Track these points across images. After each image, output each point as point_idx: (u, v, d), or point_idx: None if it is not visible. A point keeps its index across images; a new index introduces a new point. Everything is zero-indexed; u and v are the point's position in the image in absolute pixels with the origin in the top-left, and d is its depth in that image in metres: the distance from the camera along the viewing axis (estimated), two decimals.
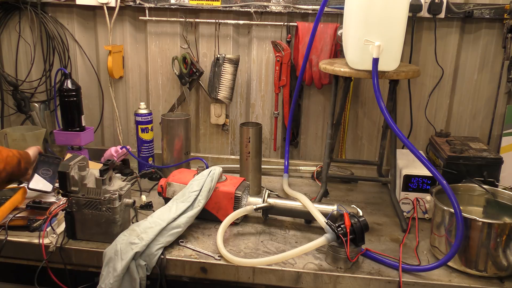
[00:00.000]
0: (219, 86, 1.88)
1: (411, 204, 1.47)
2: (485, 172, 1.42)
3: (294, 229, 1.41)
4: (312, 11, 1.82)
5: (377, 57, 1.30)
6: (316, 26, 1.61)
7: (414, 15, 1.72)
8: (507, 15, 1.71)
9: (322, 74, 1.81)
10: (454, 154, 1.46)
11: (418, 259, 1.25)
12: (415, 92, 1.88)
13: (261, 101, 1.97)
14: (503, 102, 1.84)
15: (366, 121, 1.95)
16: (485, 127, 1.88)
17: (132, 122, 1.86)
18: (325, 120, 1.95)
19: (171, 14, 1.91)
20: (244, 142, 1.64)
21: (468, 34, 1.81)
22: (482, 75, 1.84)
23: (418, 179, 1.46)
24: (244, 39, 1.93)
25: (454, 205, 1.10)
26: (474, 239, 1.15)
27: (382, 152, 1.70)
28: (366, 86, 1.90)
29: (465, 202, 1.35)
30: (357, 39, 1.34)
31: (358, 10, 1.35)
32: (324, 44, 1.78)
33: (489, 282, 1.15)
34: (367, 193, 1.72)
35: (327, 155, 1.59)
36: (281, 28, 1.87)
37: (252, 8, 1.83)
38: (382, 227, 1.44)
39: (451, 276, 1.18)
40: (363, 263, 1.23)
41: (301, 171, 1.88)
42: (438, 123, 1.90)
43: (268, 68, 1.93)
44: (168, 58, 1.96)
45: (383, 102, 1.28)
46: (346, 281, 1.17)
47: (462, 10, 1.73)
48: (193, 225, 1.37)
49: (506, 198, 1.30)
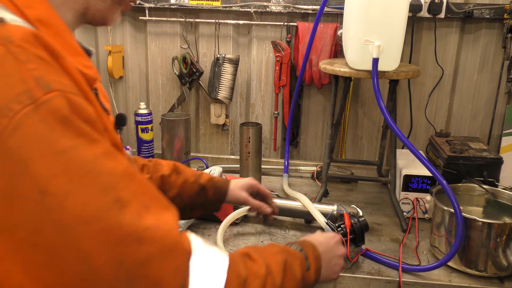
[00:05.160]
0: (219, 86, 1.88)
1: (411, 204, 1.47)
2: (485, 172, 1.42)
3: (294, 229, 1.41)
4: (312, 11, 1.82)
5: (377, 57, 1.30)
6: (316, 26, 1.61)
7: (414, 15, 1.72)
8: (507, 15, 1.71)
9: (322, 74, 1.81)
10: (454, 154, 1.46)
11: (418, 259, 1.25)
12: (415, 92, 1.87)
13: (261, 101, 1.97)
14: (503, 102, 1.84)
15: (366, 121, 1.95)
16: (485, 127, 1.88)
17: (132, 122, 1.86)
18: (325, 120, 1.95)
19: (171, 14, 1.91)
20: (244, 142, 1.64)
21: (468, 34, 1.81)
22: (482, 75, 1.84)
23: (418, 179, 1.46)
24: (244, 39, 1.93)
25: (454, 205, 1.10)
26: (474, 239, 1.15)
27: (382, 152, 1.70)
28: (366, 86, 1.90)
29: (465, 202, 1.35)
30: (357, 39, 1.34)
31: (358, 10, 1.35)
32: (324, 44, 1.78)
33: (489, 282, 1.15)
34: (367, 193, 1.72)
35: (327, 155, 1.59)
36: (281, 28, 1.87)
37: (252, 8, 1.83)
38: (382, 227, 1.44)
39: (451, 276, 1.18)
40: (363, 263, 1.23)
41: (301, 171, 1.88)
42: (438, 123, 1.90)
43: (268, 68, 1.93)
44: (168, 58, 1.96)
45: (383, 102, 1.28)
46: (346, 281, 1.17)
47: (462, 10, 1.73)
48: (193, 225, 1.37)
49: (506, 198, 1.30)
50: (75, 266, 0.55)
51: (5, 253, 0.53)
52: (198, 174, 1.18)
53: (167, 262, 0.60)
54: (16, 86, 0.52)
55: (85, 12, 0.70)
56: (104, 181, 0.56)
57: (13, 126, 0.51)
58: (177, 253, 0.61)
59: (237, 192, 1.20)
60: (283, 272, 0.77)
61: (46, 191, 0.52)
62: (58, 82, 0.55)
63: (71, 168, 0.54)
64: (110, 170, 0.57)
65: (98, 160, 0.56)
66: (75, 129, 0.55)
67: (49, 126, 0.53)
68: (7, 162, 0.52)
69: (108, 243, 0.55)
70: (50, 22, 0.62)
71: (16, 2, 0.60)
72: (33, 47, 0.55)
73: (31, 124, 0.52)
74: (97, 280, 0.56)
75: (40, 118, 0.52)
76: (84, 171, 0.55)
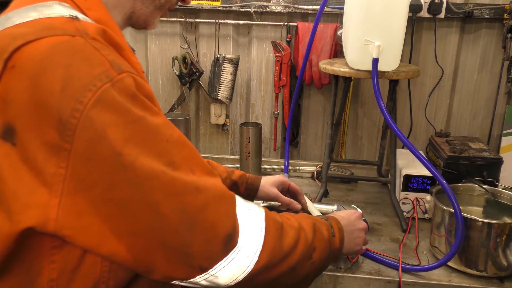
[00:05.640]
0: (219, 86, 1.88)
1: (411, 204, 1.47)
2: (485, 172, 1.42)
3: None
4: (312, 11, 1.82)
5: (377, 57, 1.30)
6: (316, 26, 1.61)
7: (414, 15, 1.72)
8: (507, 15, 1.71)
9: (322, 74, 1.81)
10: (454, 154, 1.46)
11: (418, 259, 1.25)
12: (415, 92, 1.88)
13: (261, 101, 1.97)
14: (503, 102, 1.84)
15: (366, 121, 1.95)
16: (485, 127, 1.88)
17: None
18: (325, 120, 1.95)
19: (171, 14, 1.90)
20: (244, 142, 1.64)
21: (468, 34, 1.81)
22: (482, 75, 1.84)
23: (418, 179, 1.46)
24: (244, 39, 1.93)
25: (454, 205, 1.10)
26: (474, 239, 1.15)
27: (382, 152, 1.70)
28: (366, 86, 1.90)
29: (465, 202, 1.35)
30: (357, 39, 1.34)
31: (358, 10, 1.35)
32: (324, 44, 1.78)
33: (489, 282, 1.15)
34: (367, 193, 1.72)
35: (327, 155, 1.59)
36: (281, 28, 1.87)
37: (252, 8, 1.83)
38: (382, 227, 1.44)
39: (451, 276, 1.18)
40: (363, 263, 1.23)
41: (301, 171, 1.88)
42: (438, 123, 1.90)
43: (268, 68, 1.93)
44: (168, 58, 1.96)
45: (383, 102, 1.28)
46: (346, 281, 1.17)
47: (462, 10, 1.73)
48: None
49: (506, 198, 1.30)
50: (145, 215, 0.65)
51: (86, 208, 0.62)
52: (230, 171, 1.24)
53: (220, 206, 0.71)
54: (97, 67, 0.62)
55: (131, 16, 0.80)
56: (163, 146, 0.67)
57: (95, 98, 0.61)
58: (227, 199, 0.73)
59: (268, 188, 1.25)
60: (313, 231, 0.87)
61: (121, 153, 0.62)
62: (126, 66, 0.66)
63: (139, 134, 0.64)
64: (168, 137, 0.68)
65: (159, 129, 0.67)
66: (141, 103, 0.66)
67: (123, 100, 0.63)
68: (88, 130, 0.60)
69: (172, 194, 0.66)
70: (107, 23, 0.73)
71: (79, 5, 0.71)
72: (103, 38, 0.66)
73: (109, 97, 0.62)
74: (164, 227, 0.66)
75: (116, 93, 0.62)
76: (150, 137, 0.65)
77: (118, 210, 0.64)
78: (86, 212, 0.63)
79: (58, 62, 0.61)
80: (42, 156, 0.60)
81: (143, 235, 0.66)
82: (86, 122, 0.60)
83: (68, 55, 0.62)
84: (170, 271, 0.69)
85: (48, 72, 0.60)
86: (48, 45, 0.61)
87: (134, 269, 0.69)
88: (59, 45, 0.62)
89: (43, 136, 0.60)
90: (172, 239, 0.67)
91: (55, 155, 0.60)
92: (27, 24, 0.65)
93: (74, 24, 0.65)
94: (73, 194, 0.62)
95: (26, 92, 0.60)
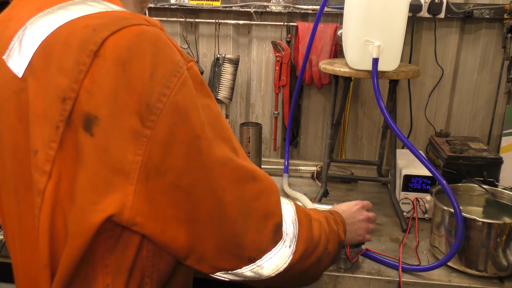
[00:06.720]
0: (219, 86, 1.88)
1: (411, 204, 1.47)
2: (485, 172, 1.42)
3: None
4: (312, 11, 1.82)
5: (377, 57, 1.30)
6: (316, 26, 1.61)
7: (414, 15, 1.72)
8: (507, 15, 1.71)
9: (322, 74, 1.81)
10: (454, 154, 1.46)
11: (418, 259, 1.25)
12: (415, 92, 1.88)
13: (261, 101, 1.97)
14: (503, 102, 1.84)
15: (366, 121, 1.95)
16: (485, 127, 1.88)
17: None
18: (325, 120, 1.95)
19: (171, 14, 1.91)
20: (244, 142, 1.64)
21: (468, 34, 1.81)
22: (482, 75, 1.84)
23: (418, 179, 1.46)
24: (244, 39, 1.93)
25: (454, 205, 1.10)
26: (474, 239, 1.15)
27: (382, 152, 1.70)
28: (366, 86, 1.90)
29: (465, 202, 1.35)
30: (357, 39, 1.34)
31: (358, 10, 1.35)
32: (324, 44, 1.78)
33: (489, 282, 1.15)
34: (367, 193, 1.72)
35: (327, 155, 1.59)
36: (281, 28, 1.87)
37: (252, 8, 1.83)
38: (382, 227, 1.44)
39: (451, 276, 1.18)
40: (363, 263, 1.23)
41: (301, 171, 1.88)
42: (438, 123, 1.90)
43: (268, 68, 1.93)
44: None
45: (383, 102, 1.28)
46: (346, 281, 1.17)
47: (462, 10, 1.73)
48: None
49: (506, 198, 1.30)
50: (208, 202, 0.66)
51: (155, 195, 0.64)
52: None
53: (271, 196, 0.74)
54: (176, 54, 0.65)
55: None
56: (227, 132, 0.70)
57: (180, 83, 0.63)
58: (276, 190, 0.76)
59: None
60: (327, 224, 0.91)
61: (200, 136, 0.64)
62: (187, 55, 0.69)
63: (210, 119, 0.67)
64: (227, 124, 0.71)
65: (221, 115, 0.70)
66: (207, 90, 0.69)
67: (196, 86, 0.66)
68: (172, 113, 0.62)
69: (235, 181, 0.68)
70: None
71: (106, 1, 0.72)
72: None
73: (189, 83, 0.65)
74: (223, 215, 0.67)
75: (191, 79, 0.65)
76: (217, 122, 0.68)
77: (183, 197, 0.65)
78: (155, 199, 0.64)
79: (146, 49, 0.62)
80: (121, 144, 0.61)
81: (201, 223, 0.67)
82: (172, 106, 0.62)
83: (153, 42, 0.63)
84: (218, 262, 0.71)
85: (136, 59, 0.61)
86: (132, 34, 0.63)
87: (183, 258, 0.70)
88: (143, 33, 0.63)
89: (124, 123, 0.61)
90: (227, 229, 0.68)
91: (133, 143, 0.61)
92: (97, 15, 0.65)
93: (141, 15, 0.67)
94: (145, 181, 0.63)
95: (112, 79, 0.61)
